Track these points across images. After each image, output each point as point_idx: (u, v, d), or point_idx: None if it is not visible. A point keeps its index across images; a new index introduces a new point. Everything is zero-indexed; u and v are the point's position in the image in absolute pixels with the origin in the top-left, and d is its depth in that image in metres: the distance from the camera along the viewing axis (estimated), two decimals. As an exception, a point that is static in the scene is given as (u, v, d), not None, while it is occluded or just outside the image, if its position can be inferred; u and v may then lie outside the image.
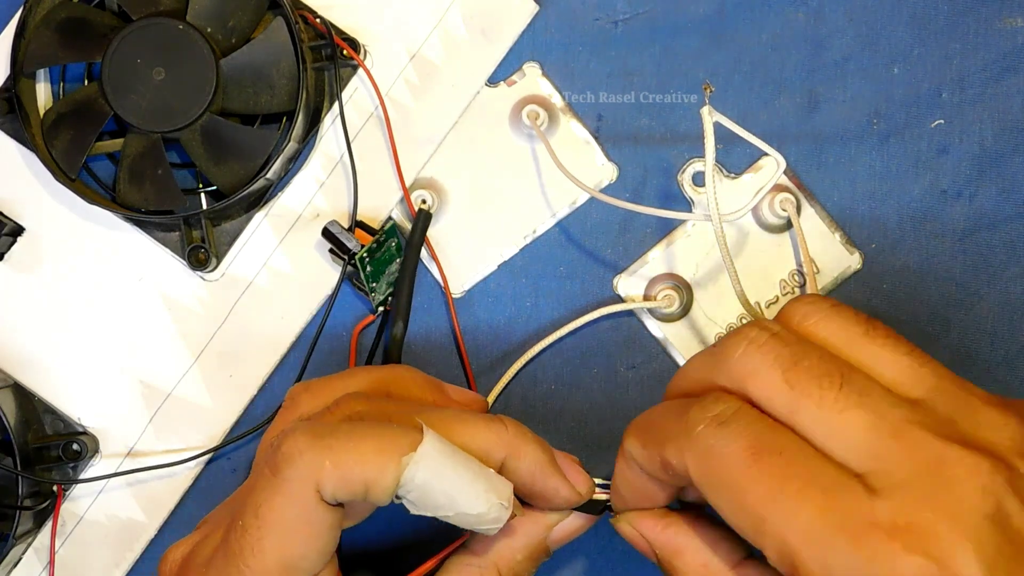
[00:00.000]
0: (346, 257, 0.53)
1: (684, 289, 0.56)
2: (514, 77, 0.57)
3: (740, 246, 0.56)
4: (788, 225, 0.56)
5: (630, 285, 0.56)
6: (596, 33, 0.56)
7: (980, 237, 0.55)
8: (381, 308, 0.55)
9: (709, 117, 0.48)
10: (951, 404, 0.39)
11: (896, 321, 0.55)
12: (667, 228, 0.56)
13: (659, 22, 0.56)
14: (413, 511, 0.42)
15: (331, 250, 0.54)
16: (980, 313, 0.55)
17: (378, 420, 0.44)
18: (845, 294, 0.55)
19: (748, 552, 0.43)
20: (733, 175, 0.56)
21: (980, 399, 0.40)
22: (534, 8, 0.56)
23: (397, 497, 0.42)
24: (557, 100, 0.57)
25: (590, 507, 0.48)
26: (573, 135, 0.57)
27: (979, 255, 0.55)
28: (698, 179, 0.56)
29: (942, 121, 0.56)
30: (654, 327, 0.56)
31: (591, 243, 0.56)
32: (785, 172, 0.56)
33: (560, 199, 0.56)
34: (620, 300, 0.56)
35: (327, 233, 0.54)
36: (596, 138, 0.56)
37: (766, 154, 0.54)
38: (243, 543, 0.42)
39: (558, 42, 0.57)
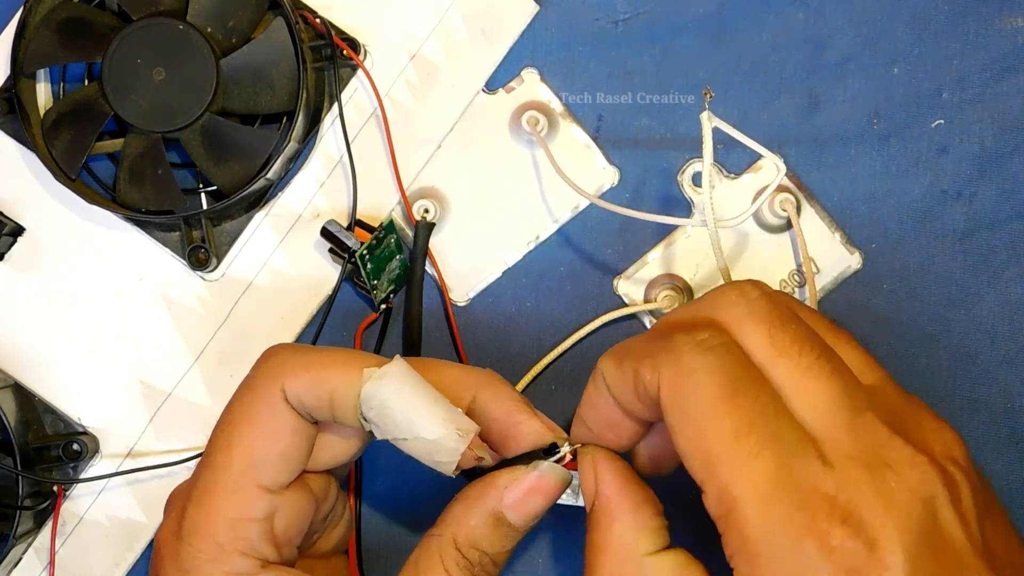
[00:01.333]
0: (346, 255, 0.53)
1: (684, 291, 0.56)
2: (512, 83, 0.57)
3: (740, 247, 0.56)
4: (788, 225, 0.56)
5: (631, 287, 0.56)
6: (596, 33, 0.56)
7: (980, 237, 0.55)
8: (383, 306, 0.55)
9: (708, 122, 0.48)
10: (898, 403, 0.41)
11: (896, 321, 0.55)
12: (667, 230, 0.56)
13: (659, 22, 0.56)
14: (378, 435, 0.43)
15: (331, 249, 0.54)
16: (980, 313, 0.55)
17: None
18: (845, 294, 0.55)
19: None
20: (733, 175, 0.56)
21: (922, 407, 0.42)
22: (534, 8, 0.56)
23: (364, 419, 0.43)
24: (556, 105, 0.57)
25: (539, 455, 0.46)
26: (573, 139, 0.57)
27: (979, 255, 0.55)
28: (698, 179, 0.56)
29: (942, 121, 0.56)
30: (655, 328, 0.56)
31: (592, 246, 0.56)
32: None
33: (562, 204, 0.56)
34: (621, 302, 0.56)
35: (326, 232, 0.54)
36: (596, 142, 0.56)
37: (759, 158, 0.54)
38: (213, 442, 0.44)
39: (558, 42, 0.57)
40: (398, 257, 0.55)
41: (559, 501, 0.51)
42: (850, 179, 0.56)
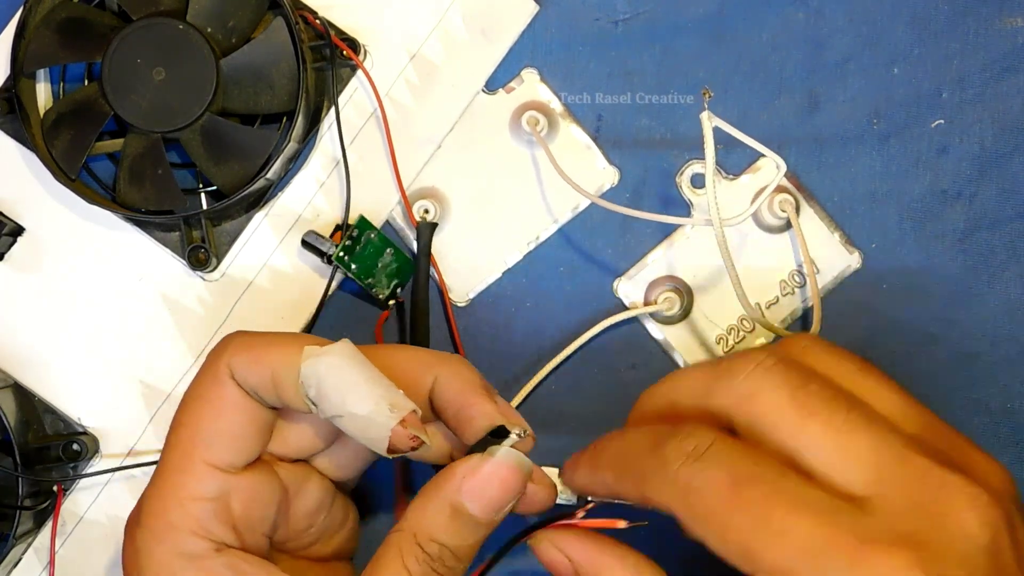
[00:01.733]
0: (325, 261, 0.54)
1: (684, 292, 0.56)
2: (512, 84, 0.57)
3: (740, 248, 0.56)
4: (787, 226, 0.56)
5: (631, 288, 0.56)
6: (596, 33, 0.56)
7: (980, 237, 0.55)
8: (392, 302, 0.55)
9: (708, 122, 0.48)
10: (944, 441, 0.40)
11: (896, 321, 0.55)
12: (667, 231, 0.56)
13: (659, 22, 0.56)
14: (319, 415, 0.43)
15: (322, 260, 0.54)
16: (980, 313, 0.55)
17: None
18: (845, 294, 0.55)
19: None
20: (732, 176, 0.56)
21: (967, 442, 0.41)
22: (534, 8, 0.56)
23: (307, 399, 0.43)
24: (556, 105, 0.57)
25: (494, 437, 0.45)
26: (574, 139, 0.56)
27: (979, 255, 0.55)
28: (697, 181, 0.56)
29: (942, 121, 0.56)
30: (654, 329, 0.56)
31: (593, 247, 0.56)
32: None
33: (562, 204, 0.56)
34: (622, 304, 0.56)
35: (305, 243, 0.54)
36: (596, 141, 0.56)
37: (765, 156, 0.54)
38: (172, 422, 0.45)
39: (558, 42, 0.57)
40: (389, 251, 0.55)
41: (559, 501, 0.51)
42: (850, 179, 0.56)
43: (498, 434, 0.45)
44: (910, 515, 0.37)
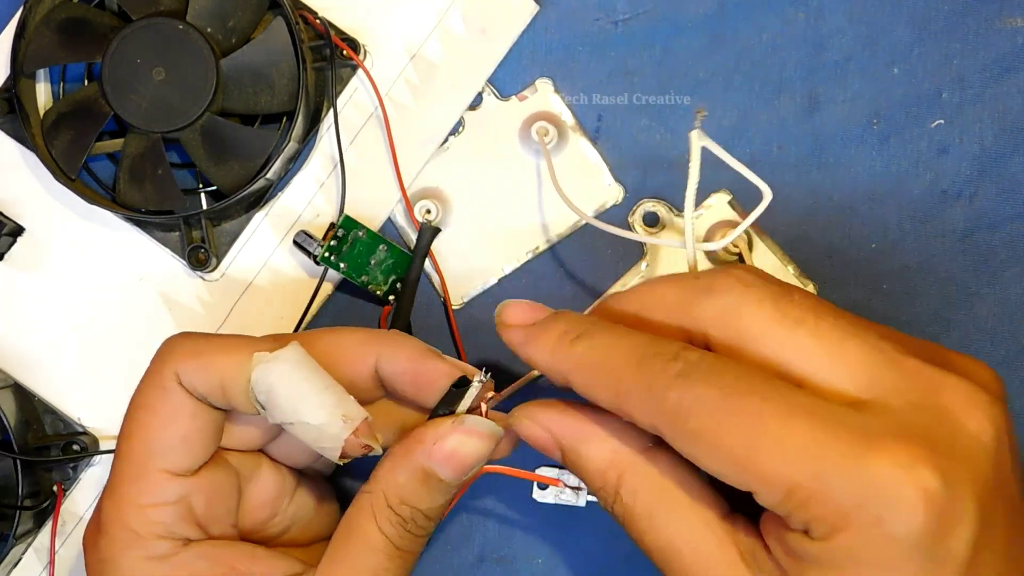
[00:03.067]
0: (314, 262, 0.54)
1: None
2: (525, 92, 0.57)
3: None
4: (740, 260, 0.55)
5: None
6: (596, 33, 0.56)
7: (980, 237, 0.55)
8: (392, 298, 0.55)
9: (698, 141, 0.46)
10: (929, 349, 0.39)
11: (896, 321, 0.55)
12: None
13: (659, 22, 0.56)
14: (269, 420, 0.43)
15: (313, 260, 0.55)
16: (980, 313, 0.55)
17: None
18: (845, 294, 0.55)
19: (654, 440, 0.41)
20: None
21: (950, 350, 0.40)
22: (534, 8, 0.56)
23: (260, 405, 0.43)
24: (568, 117, 0.56)
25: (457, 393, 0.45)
26: (582, 153, 0.56)
27: (979, 255, 0.55)
28: (649, 219, 0.56)
29: (942, 121, 0.56)
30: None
31: (591, 262, 0.56)
32: (733, 207, 0.55)
33: (564, 217, 0.56)
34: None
35: (296, 244, 0.54)
36: (604, 159, 0.56)
37: (716, 190, 0.55)
38: (120, 431, 0.45)
39: (558, 42, 0.57)
40: (383, 247, 0.55)
41: (559, 501, 0.51)
42: (850, 179, 0.56)
43: (459, 384, 0.45)
44: (911, 414, 0.36)
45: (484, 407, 0.45)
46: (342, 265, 0.54)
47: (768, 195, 0.45)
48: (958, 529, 0.35)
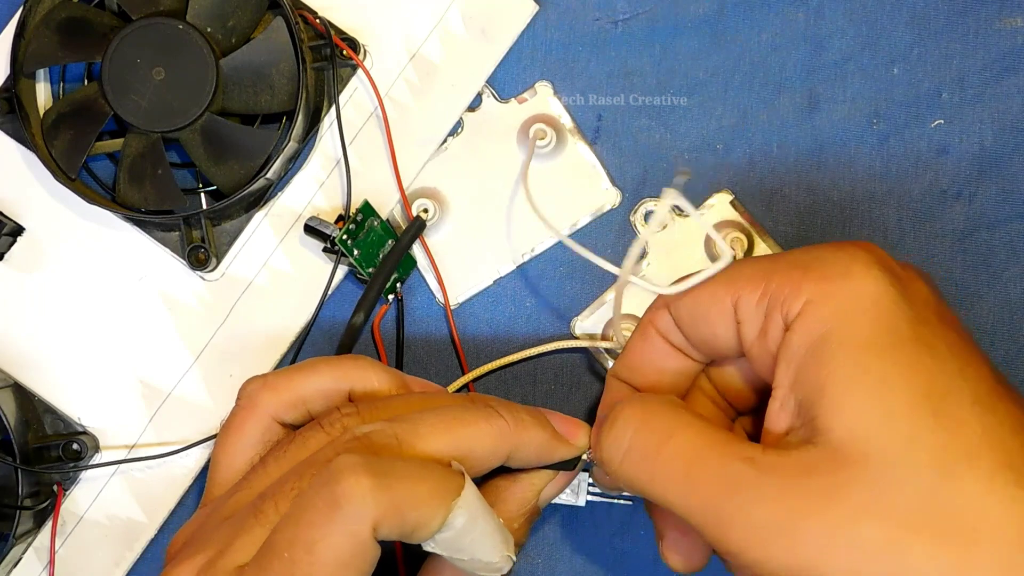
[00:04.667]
0: (329, 245, 0.54)
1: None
2: (525, 95, 0.57)
3: None
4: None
5: (587, 326, 0.56)
6: (596, 33, 0.56)
7: (980, 237, 0.55)
8: (391, 296, 0.55)
9: (668, 200, 0.44)
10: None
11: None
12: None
13: (659, 22, 0.56)
14: (429, 548, 0.42)
15: (324, 249, 0.54)
16: (980, 313, 0.55)
17: (419, 456, 0.43)
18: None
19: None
20: (685, 213, 0.56)
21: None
22: (534, 8, 0.56)
23: (434, 543, 0.42)
24: (567, 121, 0.56)
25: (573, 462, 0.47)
26: (580, 157, 0.56)
27: (979, 255, 0.55)
28: (650, 218, 0.56)
29: (942, 121, 0.56)
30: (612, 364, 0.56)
31: (589, 263, 0.56)
32: (735, 207, 0.55)
33: (561, 220, 0.56)
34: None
35: (308, 228, 0.54)
36: (601, 161, 0.56)
37: (718, 191, 0.55)
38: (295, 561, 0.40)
39: (558, 42, 0.57)
40: (390, 242, 0.55)
41: (559, 501, 0.51)
42: (850, 179, 0.56)
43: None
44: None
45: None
46: (356, 252, 0.54)
47: (728, 257, 0.43)
48: (916, 280, 0.40)
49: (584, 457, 0.47)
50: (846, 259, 0.40)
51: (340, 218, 0.55)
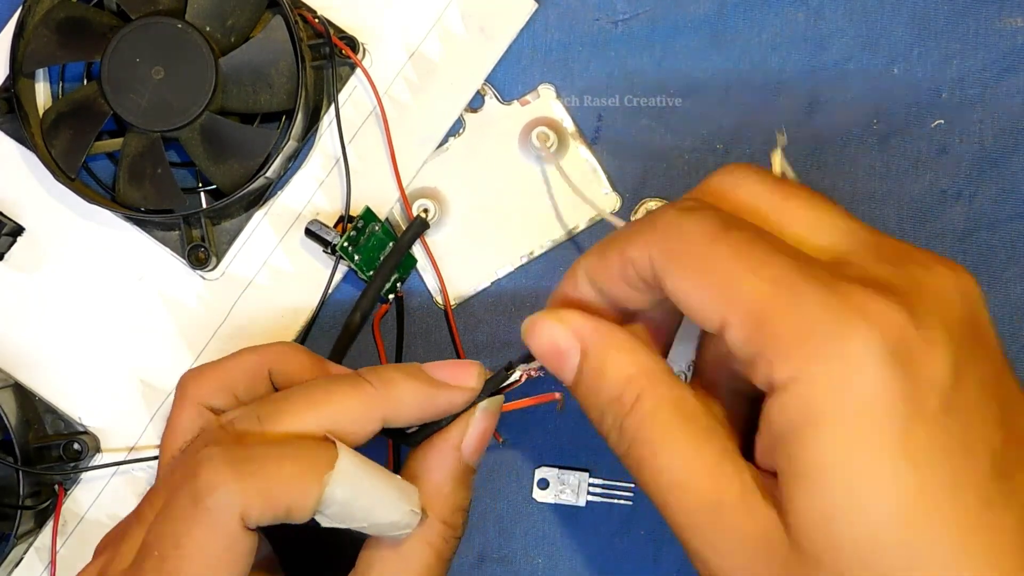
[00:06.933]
0: (328, 251, 0.54)
1: None
2: (528, 97, 0.57)
3: None
4: None
5: None
6: (596, 33, 0.56)
7: (980, 237, 0.55)
8: (391, 296, 0.55)
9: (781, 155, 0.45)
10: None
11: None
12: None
13: (659, 22, 0.56)
14: (324, 523, 0.42)
15: (324, 250, 0.54)
16: (980, 313, 0.55)
17: (283, 436, 0.42)
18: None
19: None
20: None
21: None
22: (533, 6, 0.56)
23: (318, 515, 0.41)
24: (568, 124, 0.56)
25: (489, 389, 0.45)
26: (581, 161, 0.56)
27: (979, 255, 0.55)
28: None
29: (942, 121, 0.56)
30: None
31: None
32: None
33: (560, 223, 0.56)
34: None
35: (309, 232, 0.54)
36: (602, 165, 0.56)
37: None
38: (161, 569, 0.40)
39: (558, 42, 0.56)
40: (391, 244, 0.55)
41: (559, 501, 0.51)
42: (850, 179, 0.56)
43: (507, 368, 0.46)
44: (885, 271, 0.36)
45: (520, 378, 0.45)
46: (356, 257, 0.54)
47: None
48: (933, 354, 0.34)
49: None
50: (845, 330, 0.34)
51: (340, 220, 0.54)
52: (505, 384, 0.45)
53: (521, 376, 0.45)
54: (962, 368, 0.35)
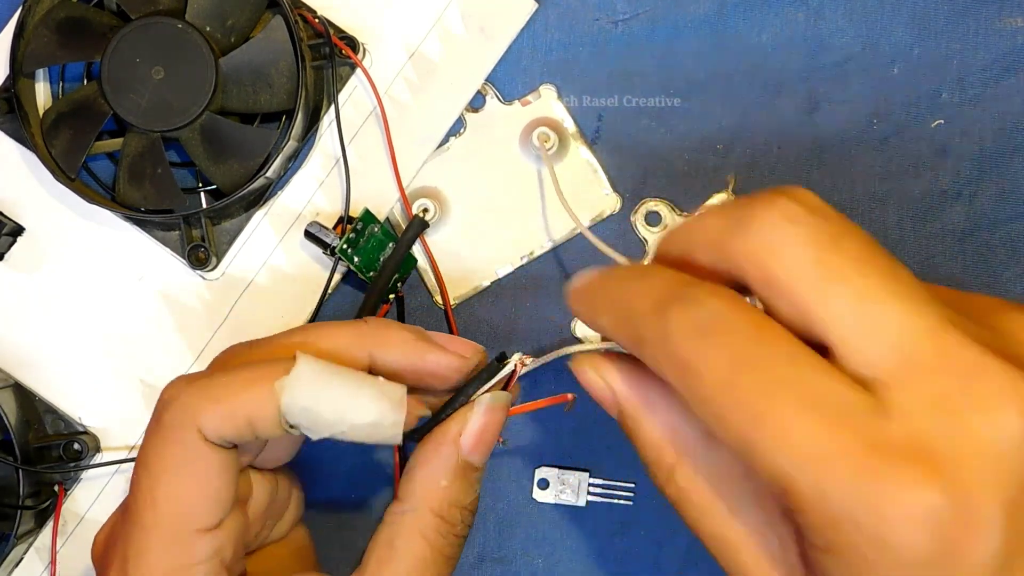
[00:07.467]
0: (328, 253, 0.54)
1: None
2: (529, 97, 0.57)
3: None
4: None
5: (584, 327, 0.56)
6: (596, 33, 0.56)
7: (980, 237, 0.55)
8: (392, 296, 0.55)
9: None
10: (982, 306, 0.36)
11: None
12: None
13: (659, 22, 0.56)
14: (312, 436, 0.42)
15: (324, 252, 0.54)
16: (980, 313, 0.55)
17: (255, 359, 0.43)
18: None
19: None
20: (686, 213, 0.56)
21: (1008, 306, 0.36)
22: (533, 6, 0.56)
23: (291, 427, 0.41)
24: (569, 125, 0.56)
25: (491, 379, 0.45)
26: (581, 161, 0.56)
27: (979, 255, 0.55)
28: (652, 219, 0.56)
29: (942, 121, 0.56)
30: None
31: (585, 266, 0.56)
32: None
33: (560, 224, 0.56)
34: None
35: (309, 235, 0.54)
36: (602, 165, 0.56)
37: (717, 191, 0.55)
38: (137, 500, 0.42)
39: (558, 42, 0.56)
40: (392, 245, 0.55)
41: (559, 501, 0.51)
42: (850, 179, 0.56)
43: (500, 358, 0.45)
44: (935, 411, 0.32)
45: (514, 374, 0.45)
46: (356, 259, 0.54)
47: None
48: (977, 542, 0.31)
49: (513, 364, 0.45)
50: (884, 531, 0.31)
51: (339, 221, 0.54)
52: (499, 377, 0.45)
53: (516, 367, 0.45)
54: (1013, 550, 0.32)
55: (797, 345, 0.34)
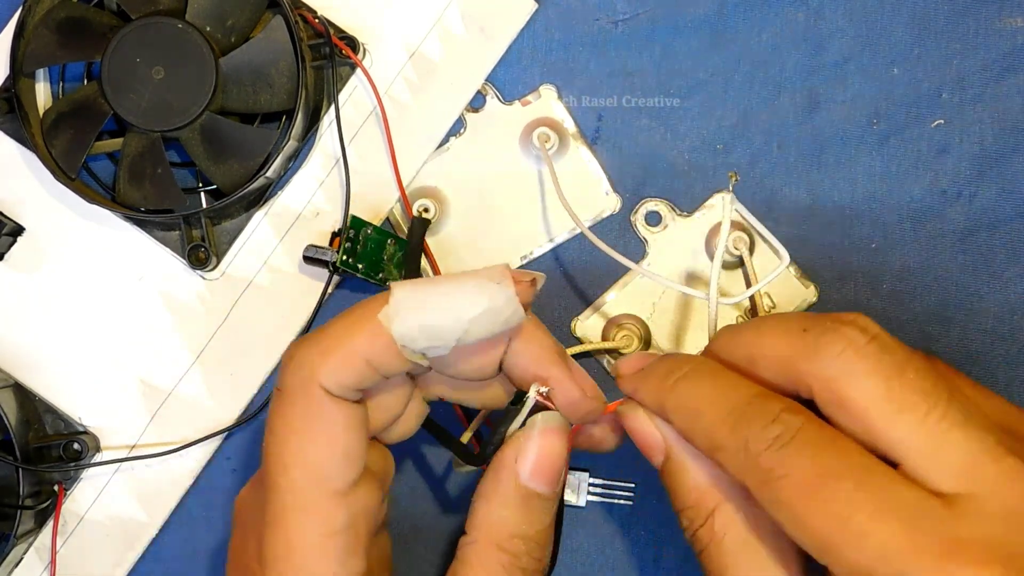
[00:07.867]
0: (330, 270, 0.54)
1: (641, 328, 0.55)
2: (529, 97, 0.57)
3: (692, 284, 0.55)
4: (741, 262, 0.55)
5: (588, 327, 0.56)
6: (596, 33, 0.56)
7: (980, 237, 0.55)
8: None
9: (729, 205, 0.50)
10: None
11: (896, 321, 0.55)
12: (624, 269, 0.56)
13: (659, 22, 0.56)
14: (435, 354, 0.41)
15: (328, 270, 0.54)
16: (980, 313, 0.55)
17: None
18: (845, 294, 0.55)
19: None
20: (685, 213, 0.56)
21: None
22: (533, 6, 0.56)
23: (423, 357, 0.41)
24: (569, 125, 0.56)
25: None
26: (581, 162, 0.56)
27: (979, 255, 0.55)
28: (651, 219, 0.56)
29: (942, 121, 0.56)
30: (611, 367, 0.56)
31: (584, 270, 0.56)
32: (737, 208, 0.55)
33: (560, 224, 0.56)
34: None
35: (308, 259, 0.54)
36: (602, 166, 0.56)
37: (717, 191, 0.55)
38: (268, 466, 0.41)
39: (558, 41, 0.56)
40: (391, 241, 0.55)
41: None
42: (850, 179, 0.56)
43: (515, 401, 0.45)
44: (1003, 520, 0.35)
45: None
46: (360, 266, 0.54)
47: (785, 259, 0.49)
48: None
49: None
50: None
51: (334, 235, 0.54)
52: (526, 410, 0.44)
53: (536, 403, 0.44)
54: None
55: (870, 458, 0.37)
